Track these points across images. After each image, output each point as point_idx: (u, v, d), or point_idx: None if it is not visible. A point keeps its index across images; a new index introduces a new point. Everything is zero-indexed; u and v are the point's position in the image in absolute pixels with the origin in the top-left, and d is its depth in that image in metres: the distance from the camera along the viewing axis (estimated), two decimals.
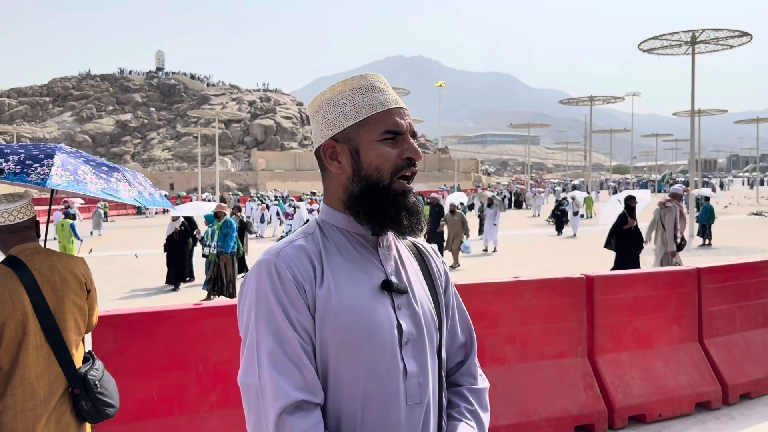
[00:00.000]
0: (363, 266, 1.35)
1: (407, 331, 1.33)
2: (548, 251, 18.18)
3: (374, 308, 1.31)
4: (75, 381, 2.61)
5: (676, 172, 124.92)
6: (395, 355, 1.31)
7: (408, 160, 1.35)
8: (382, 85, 1.40)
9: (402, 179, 1.35)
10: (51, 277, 2.60)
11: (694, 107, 25.33)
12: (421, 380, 1.34)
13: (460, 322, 1.54)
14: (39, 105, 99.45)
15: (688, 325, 5.36)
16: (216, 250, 11.09)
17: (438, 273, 1.51)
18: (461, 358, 1.53)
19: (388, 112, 1.36)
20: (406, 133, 1.37)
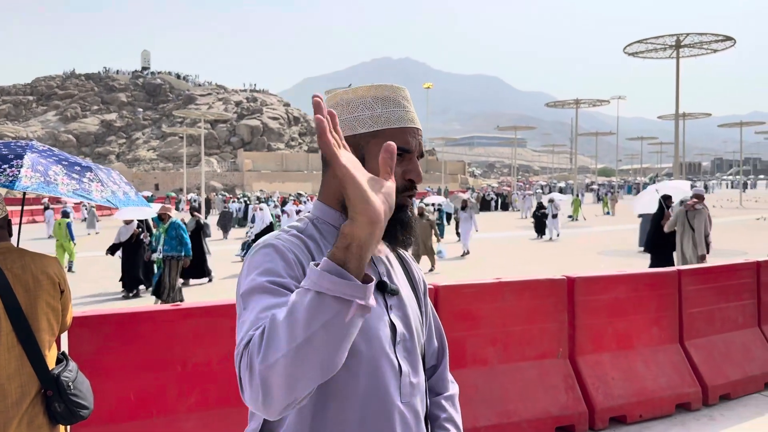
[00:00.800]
0: None
1: (400, 332, 1.36)
2: (531, 253, 18.25)
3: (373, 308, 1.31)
4: (48, 382, 2.57)
5: (661, 175, 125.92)
6: (390, 354, 1.33)
7: (410, 182, 1.38)
8: (404, 101, 1.40)
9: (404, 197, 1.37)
10: (23, 278, 2.55)
11: (679, 111, 25.56)
12: (413, 380, 1.37)
13: (435, 328, 1.60)
14: (22, 104, 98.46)
15: (669, 326, 5.40)
16: (162, 254, 10.46)
17: (418, 279, 1.56)
18: (434, 362, 1.59)
19: (402, 130, 1.37)
20: (413, 153, 1.38)
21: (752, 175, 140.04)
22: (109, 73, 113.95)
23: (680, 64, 24.41)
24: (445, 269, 14.98)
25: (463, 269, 14.98)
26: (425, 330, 1.54)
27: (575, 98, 39.36)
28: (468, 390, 4.44)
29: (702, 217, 9.60)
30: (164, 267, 10.51)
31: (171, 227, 10.54)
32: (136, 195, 3.07)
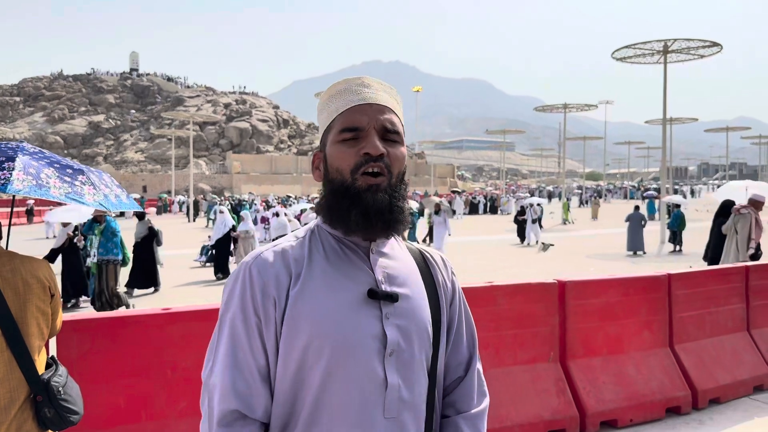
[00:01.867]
0: (349, 272, 1.31)
1: (392, 342, 1.28)
2: (518, 257, 18.29)
3: (353, 316, 1.27)
4: (37, 387, 2.54)
5: (647, 179, 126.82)
6: (375, 366, 1.26)
7: (366, 155, 1.28)
8: (358, 87, 1.35)
9: (367, 175, 1.28)
10: (13, 281, 2.52)
11: (666, 115, 25.74)
12: (403, 394, 1.28)
13: (466, 336, 1.48)
14: (9, 105, 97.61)
15: (659, 330, 5.42)
16: (97, 258, 9.91)
17: (443, 284, 1.45)
18: (461, 373, 1.45)
19: (349, 111, 1.32)
20: (367, 129, 1.30)
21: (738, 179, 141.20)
22: (97, 74, 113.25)
23: (668, 70, 24.62)
24: None
25: None
26: (450, 338, 1.44)
27: (563, 103, 39.54)
28: None
29: (746, 221, 9.44)
30: (99, 272, 9.95)
31: (107, 229, 10.04)
32: (127, 198, 3.03)
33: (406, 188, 1.37)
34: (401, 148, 1.34)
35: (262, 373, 1.28)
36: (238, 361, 1.27)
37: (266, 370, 1.29)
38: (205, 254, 16.35)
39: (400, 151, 1.33)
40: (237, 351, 1.27)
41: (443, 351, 1.41)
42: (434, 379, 1.37)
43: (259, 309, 1.27)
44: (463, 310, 1.49)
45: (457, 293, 1.48)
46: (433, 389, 1.36)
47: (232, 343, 1.28)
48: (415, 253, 1.46)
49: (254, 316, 1.27)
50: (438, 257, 1.49)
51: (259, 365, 1.28)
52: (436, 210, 17.42)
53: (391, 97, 1.39)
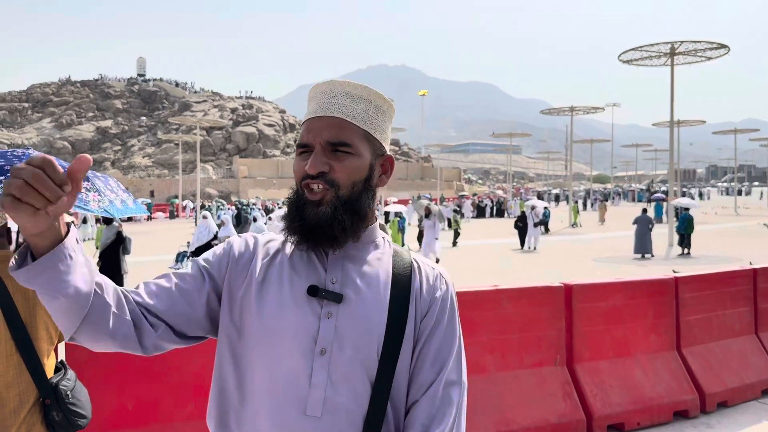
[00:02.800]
0: (301, 269, 1.35)
1: (324, 339, 1.28)
2: (524, 260, 18.24)
3: (290, 310, 1.30)
4: (46, 391, 2.56)
5: (656, 182, 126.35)
6: (301, 361, 1.27)
7: (306, 173, 1.32)
8: (319, 95, 1.38)
9: (310, 190, 1.32)
10: (22, 286, 2.54)
11: (674, 118, 25.67)
12: (332, 396, 1.26)
13: (434, 356, 1.35)
14: (18, 111, 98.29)
15: (666, 333, 5.40)
16: None
17: (418, 295, 1.37)
18: (417, 396, 1.33)
19: (304, 125, 1.37)
20: (313, 145, 1.32)
21: (746, 182, 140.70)
22: (105, 80, 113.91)
23: (675, 72, 24.55)
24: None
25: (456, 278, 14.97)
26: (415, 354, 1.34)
27: (570, 105, 39.39)
28: (466, 397, 4.44)
29: None
30: None
31: None
32: (134, 202, 3.06)
33: (369, 196, 1.37)
34: (353, 159, 1.33)
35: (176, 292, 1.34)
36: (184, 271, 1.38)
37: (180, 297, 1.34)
38: (181, 261, 15.63)
39: (351, 163, 1.33)
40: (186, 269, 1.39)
41: (405, 365, 1.33)
42: (384, 391, 1.29)
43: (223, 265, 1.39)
44: (441, 327, 1.36)
45: (436, 308, 1.37)
46: (381, 402, 1.29)
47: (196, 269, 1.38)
48: (402, 261, 1.41)
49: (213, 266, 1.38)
50: (429, 269, 1.42)
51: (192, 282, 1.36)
52: (426, 214, 17.17)
53: (358, 101, 1.37)
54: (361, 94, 1.37)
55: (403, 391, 1.34)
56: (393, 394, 1.31)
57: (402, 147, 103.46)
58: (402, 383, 1.33)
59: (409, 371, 1.34)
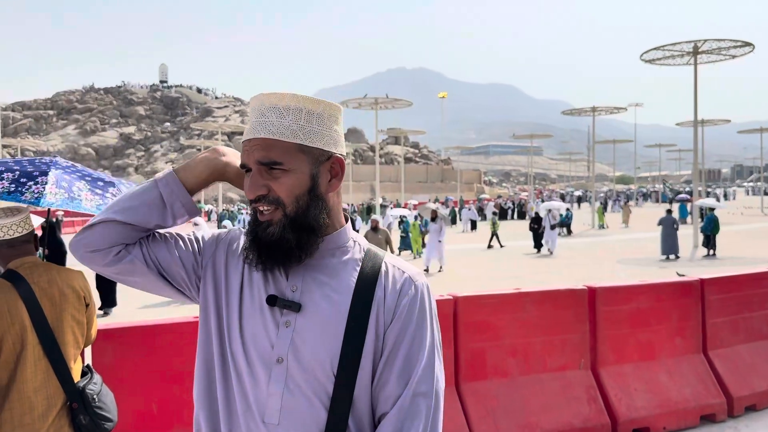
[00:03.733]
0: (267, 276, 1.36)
1: (279, 349, 1.28)
2: (547, 263, 18.11)
3: (253, 317, 1.33)
4: (73, 395, 2.60)
5: (679, 182, 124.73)
6: (260, 369, 1.29)
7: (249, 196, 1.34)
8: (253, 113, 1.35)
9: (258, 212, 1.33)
10: (50, 291, 2.59)
11: (697, 117, 25.35)
12: (289, 405, 1.26)
13: (402, 366, 1.30)
14: (43, 118, 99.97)
15: (692, 336, 5.33)
16: None
17: (381, 304, 1.32)
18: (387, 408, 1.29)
19: (243, 146, 1.36)
20: (250, 166, 1.33)
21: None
22: (128, 86, 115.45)
23: (698, 71, 24.24)
24: (464, 276, 14.91)
25: (471, 281, 14.90)
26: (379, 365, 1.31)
27: (592, 106, 39.04)
28: (489, 402, 4.42)
29: None
30: None
31: None
32: None
33: (317, 206, 1.33)
34: (290, 176, 1.30)
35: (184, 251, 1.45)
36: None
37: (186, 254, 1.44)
38: None
39: (288, 180, 1.30)
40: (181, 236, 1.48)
41: (366, 379, 1.30)
42: (343, 407, 1.27)
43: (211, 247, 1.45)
44: (407, 336, 1.31)
45: (402, 316, 1.32)
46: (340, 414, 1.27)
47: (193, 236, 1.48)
48: (370, 267, 1.37)
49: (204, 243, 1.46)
50: (398, 274, 1.37)
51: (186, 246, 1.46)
52: (432, 218, 16.78)
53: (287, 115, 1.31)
54: (288, 105, 1.31)
55: (366, 403, 1.30)
56: (355, 406, 1.29)
57: (422, 150, 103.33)
58: (364, 396, 1.30)
59: (372, 384, 1.31)
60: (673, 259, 18.15)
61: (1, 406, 2.47)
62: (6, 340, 2.46)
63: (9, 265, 2.63)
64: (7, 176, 2.51)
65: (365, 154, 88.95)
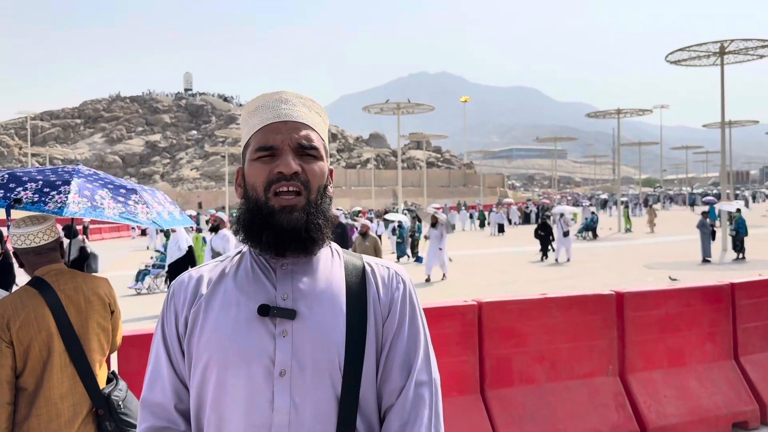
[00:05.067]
0: (249, 289, 1.30)
1: (282, 361, 1.23)
2: (571, 268, 17.91)
3: (242, 332, 1.25)
4: (99, 402, 2.61)
5: (707, 185, 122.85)
6: (263, 387, 1.23)
7: (279, 174, 1.27)
8: (277, 102, 1.34)
9: (281, 195, 1.28)
10: (75, 298, 2.61)
11: (725, 118, 24.94)
12: (297, 419, 1.22)
13: (402, 358, 1.32)
14: (71, 127, 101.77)
15: (723, 342, 5.21)
16: None
17: (376, 301, 1.33)
18: (392, 400, 1.31)
19: (264, 129, 1.32)
20: (281, 147, 1.29)
21: None
22: (153, 95, 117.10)
23: (725, 71, 23.85)
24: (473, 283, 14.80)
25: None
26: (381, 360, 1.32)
27: (617, 108, 38.62)
28: (516, 409, 4.37)
29: None
30: None
31: None
32: (180, 214, 3.11)
33: (329, 202, 1.36)
34: (319, 163, 1.32)
35: (174, 388, 1.33)
36: (155, 377, 1.34)
37: (179, 384, 1.33)
38: (141, 280, 14.65)
39: (318, 166, 1.32)
40: (156, 367, 1.34)
41: (370, 375, 1.30)
42: (351, 406, 1.26)
43: (172, 327, 1.33)
44: (404, 328, 1.34)
45: (397, 309, 1.34)
46: (350, 417, 1.26)
47: (154, 360, 1.35)
48: (353, 267, 1.38)
49: (168, 333, 1.34)
50: (383, 270, 1.39)
51: (171, 380, 1.33)
52: (432, 223, 15.56)
53: (311, 111, 1.37)
54: (312, 106, 1.37)
55: (372, 400, 1.31)
56: (362, 404, 1.28)
57: (444, 154, 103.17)
58: (369, 392, 1.30)
59: (376, 378, 1.31)
60: (715, 262, 17.84)
61: (29, 413, 2.49)
62: (33, 348, 2.48)
63: (35, 272, 2.66)
64: (30, 186, 2.54)
65: (387, 159, 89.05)
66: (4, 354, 2.43)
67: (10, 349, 2.44)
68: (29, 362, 2.48)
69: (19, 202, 2.48)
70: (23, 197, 2.49)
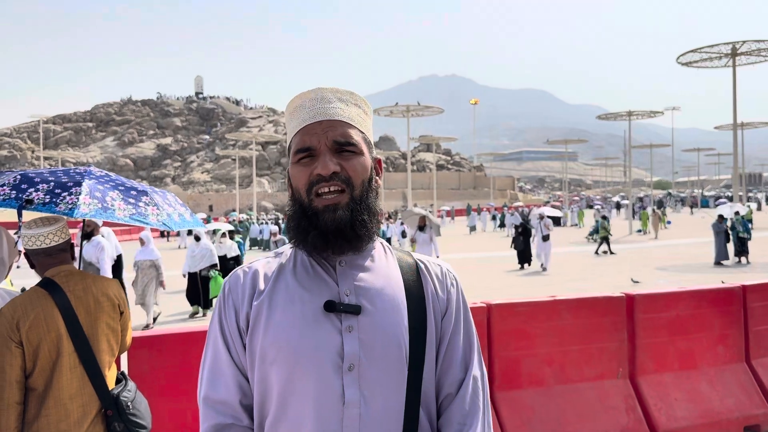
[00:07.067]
0: (311, 286, 1.32)
1: (351, 355, 1.26)
2: (583, 269, 17.82)
3: (309, 329, 1.27)
4: (108, 402, 2.62)
5: (719, 187, 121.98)
6: (332, 381, 1.25)
7: (318, 176, 1.29)
8: (312, 102, 1.36)
9: (323, 196, 1.30)
10: (85, 299, 2.62)
11: (737, 120, 24.79)
12: (366, 411, 1.25)
13: (462, 352, 1.39)
14: (83, 130, 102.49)
15: (734, 345, 5.17)
16: None
17: (434, 296, 1.38)
18: (452, 390, 1.37)
19: (302, 131, 1.34)
20: (319, 148, 1.31)
21: None
22: (164, 98, 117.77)
23: (737, 73, 23.71)
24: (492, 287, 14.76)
25: (524, 286, 14.74)
26: (441, 353, 1.37)
27: (628, 110, 38.45)
28: (525, 411, 4.35)
29: None
30: None
31: None
32: (191, 216, 3.13)
33: (375, 195, 1.37)
34: (360, 158, 1.33)
35: (238, 384, 1.34)
36: (216, 374, 1.34)
37: (242, 379, 1.34)
38: None
39: (358, 162, 1.33)
40: (216, 364, 1.35)
41: (431, 367, 1.34)
42: (415, 397, 1.30)
43: (233, 322, 1.34)
44: (461, 324, 1.40)
45: (453, 306, 1.40)
46: (414, 408, 1.29)
47: (212, 356, 1.36)
48: (406, 263, 1.41)
49: (228, 329, 1.34)
50: (436, 267, 1.43)
51: (235, 376, 1.34)
52: (420, 226, 13.71)
53: (349, 104, 1.38)
54: (349, 99, 1.38)
55: (431, 391, 1.35)
56: (423, 398, 1.32)
57: (454, 157, 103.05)
58: (429, 383, 1.34)
59: (435, 371, 1.36)
60: (729, 264, 17.71)
61: (38, 413, 2.50)
62: (42, 348, 2.50)
63: (46, 273, 2.68)
64: (42, 187, 2.56)
65: (397, 161, 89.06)
66: (13, 354, 2.45)
67: (19, 350, 2.46)
68: (39, 363, 2.50)
69: (30, 203, 2.50)
70: (35, 198, 2.52)
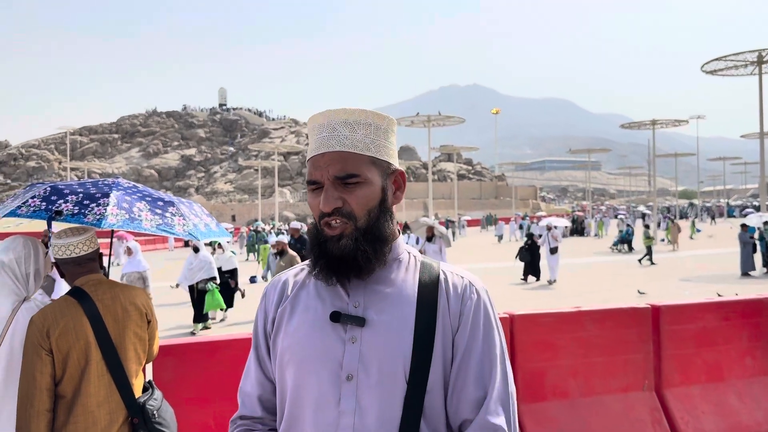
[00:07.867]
0: (326, 295, 1.37)
1: (349, 365, 1.29)
2: (609, 280, 17.63)
3: (316, 336, 1.33)
4: (134, 410, 2.65)
5: (746, 196, 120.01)
6: (331, 389, 1.29)
7: (321, 212, 1.33)
8: (319, 127, 1.37)
9: (328, 225, 1.33)
10: (113, 308, 2.66)
11: (763, 128, 24.41)
12: (361, 422, 1.26)
13: (477, 371, 1.32)
14: (108, 142, 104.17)
15: (764, 357, 5.07)
16: None
17: (445, 311, 1.34)
18: (470, 415, 1.31)
19: (309, 162, 1.38)
20: (322, 182, 1.33)
21: None
22: (189, 110, 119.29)
23: (763, 81, 23.37)
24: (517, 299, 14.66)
25: (539, 297, 14.62)
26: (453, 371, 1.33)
27: (652, 119, 38.05)
28: (549, 424, 4.31)
29: None
30: None
31: None
32: (216, 226, 3.16)
33: (385, 218, 1.37)
34: (364, 188, 1.33)
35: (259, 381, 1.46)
36: (248, 370, 1.48)
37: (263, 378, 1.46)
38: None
39: (362, 192, 1.33)
40: (249, 361, 1.47)
41: (437, 382, 1.31)
42: (414, 413, 1.28)
43: (261, 325, 1.46)
44: (478, 341, 1.34)
45: (469, 321, 1.34)
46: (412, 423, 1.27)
47: (250, 354, 1.48)
48: (428, 275, 1.39)
49: (263, 330, 1.46)
50: (457, 279, 1.39)
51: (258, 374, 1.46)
52: (428, 236, 13.32)
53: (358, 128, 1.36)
54: (358, 120, 1.36)
55: (440, 408, 1.32)
56: (427, 412, 1.30)
57: (475, 166, 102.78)
58: (437, 400, 1.31)
59: (443, 388, 1.32)
60: (756, 275, 17.41)
61: (67, 420, 2.54)
62: (71, 356, 2.54)
63: (75, 282, 2.72)
64: (71, 198, 2.61)
65: (418, 171, 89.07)
66: (44, 362, 2.49)
67: (49, 357, 2.51)
68: (68, 370, 2.54)
69: (60, 214, 2.55)
70: (64, 209, 2.57)
